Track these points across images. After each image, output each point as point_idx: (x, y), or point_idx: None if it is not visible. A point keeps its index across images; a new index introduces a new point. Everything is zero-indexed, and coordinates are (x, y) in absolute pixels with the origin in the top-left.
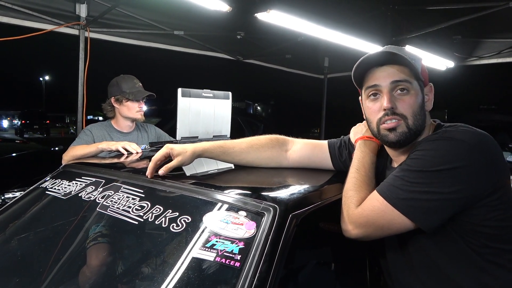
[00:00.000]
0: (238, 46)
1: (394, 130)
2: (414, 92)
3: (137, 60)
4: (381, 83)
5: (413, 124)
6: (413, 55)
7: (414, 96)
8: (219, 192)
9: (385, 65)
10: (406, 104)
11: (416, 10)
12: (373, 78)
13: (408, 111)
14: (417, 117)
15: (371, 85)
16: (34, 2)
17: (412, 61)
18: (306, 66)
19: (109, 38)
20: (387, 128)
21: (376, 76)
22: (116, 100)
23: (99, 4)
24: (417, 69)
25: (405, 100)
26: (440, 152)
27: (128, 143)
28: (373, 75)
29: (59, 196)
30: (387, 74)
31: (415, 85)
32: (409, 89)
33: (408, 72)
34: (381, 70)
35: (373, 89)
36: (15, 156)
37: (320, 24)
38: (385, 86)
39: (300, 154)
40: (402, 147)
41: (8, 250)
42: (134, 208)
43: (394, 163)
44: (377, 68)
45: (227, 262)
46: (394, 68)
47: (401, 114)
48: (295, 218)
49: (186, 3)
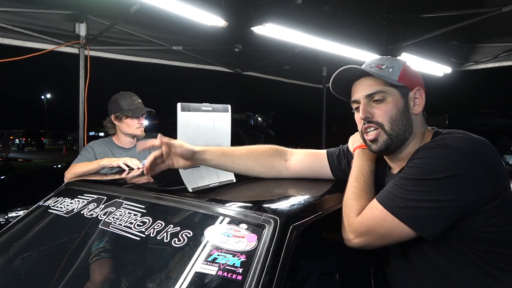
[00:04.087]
0: (236, 59)
1: (376, 141)
2: (392, 99)
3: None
4: (358, 97)
5: (391, 129)
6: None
7: (391, 103)
8: (219, 205)
9: (361, 77)
10: (382, 112)
11: (411, 18)
12: (353, 93)
13: (384, 118)
14: (396, 123)
15: (352, 100)
16: (34, 23)
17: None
18: (305, 76)
19: (108, 55)
20: (369, 139)
21: (354, 91)
22: (116, 118)
23: (98, 23)
24: (392, 76)
25: (381, 108)
26: (438, 160)
27: (129, 159)
28: (354, 89)
29: (61, 214)
30: (362, 88)
31: (393, 92)
32: (385, 97)
33: (382, 81)
34: (358, 85)
35: (355, 104)
36: (17, 174)
37: (316, 35)
38: (361, 99)
39: (300, 164)
40: (392, 154)
41: (12, 269)
42: (136, 224)
43: (392, 170)
44: (356, 82)
45: (229, 275)
46: (368, 80)
47: (376, 122)
48: (296, 229)
49: (184, 19)
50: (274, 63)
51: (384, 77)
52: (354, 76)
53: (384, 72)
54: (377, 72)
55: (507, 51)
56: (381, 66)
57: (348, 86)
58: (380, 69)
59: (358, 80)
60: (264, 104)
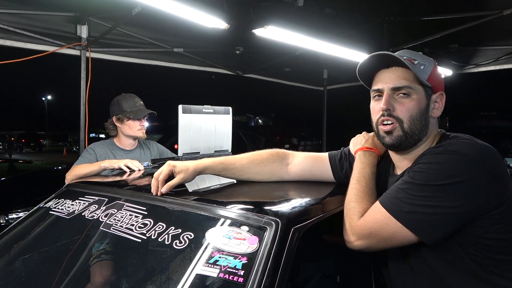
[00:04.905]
0: (237, 61)
1: (390, 133)
2: (416, 97)
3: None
4: (383, 87)
5: (409, 128)
6: (425, 59)
7: (415, 101)
8: (221, 207)
9: (391, 66)
10: (405, 108)
11: (411, 21)
12: (378, 81)
13: (405, 114)
14: (415, 122)
15: (375, 88)
16: (36, 25)
17: (416, 66)
18: (306, 78)
19: (110, 57)
20: (383, 130)
21: (380, 79)
22: (118, 119)
23: (99, 25)
24: (422, 74)
25: (404, 103)
26: (444, 166)
27: (130, 161)
28: (379, 78)
29: (62, 215)
30: (390, 79)
31: (419, 90)
32: (411, 93)
33: (412, 77)
34: (385, 74)
35: (377, 92)
36: (18, 176)
37: (317, 38)
38: (386, 90)
39: (301, 167)
40: (401, 151)
41: (13, 270)
42: (137, 225)
43: (396, 170)
44: (384, 70)
45: (230, 277)
46: (398, 72)
47: (397, 117)
48: (298, 231)
49: (185, 21)
50: (275, 65)
51: (417, 73)
52: (384, 64)
53: (416, 68)
54: (413, 66)
55: (508, 54)
56: (414, 61)
57: (372, 72)
58: (412, 63)
59: (387, 69)
60: (264, 107)
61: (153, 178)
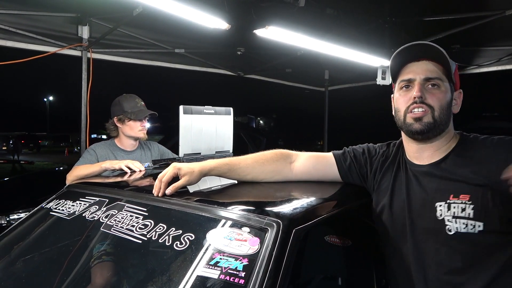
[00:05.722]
0: (238, 62)
1: (420, 120)
2: (445, 89)
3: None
4: (415, 77)
5: (439, 116)
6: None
7: (444, 93)
8: (222, 208)
9: (422, 60)
10: (435, 97)
11: (413, 21)
12: (408, 73)
13: (436, 103)
14: (444, 112)
15: (405, 78)
16: (37, 26)
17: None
18: (307, 79)
19: (111, 58)
20: (413, 117)
21: (411, 70)
22: (119, 120)
23: (100, 26)
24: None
25: (435, 93)
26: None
27: (131, 162)
28: (409, 69)
29: (63, 216)
30: (422, 70)
31: (446, 85)
32: (440, 85)
33: (441, 71)
34: (416, 66)
35: (406, 82)
36: (19, 177)
37: (319, 38)
38: (418, 79)
39: (305, 167)
40: (426, 140)
41: (14, 271)
42: (138, 227)
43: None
44: (414, 63)
45: (231, 279)
46: (429, 65)
47: (429, 104)
48: (299, 232)
49: (186, 21)
50: (276, 66)
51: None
52: (413, 56)
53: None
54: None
55: (510, 54)
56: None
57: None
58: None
59: (418, 61)
60: (266, 107)
61: (157, 179)
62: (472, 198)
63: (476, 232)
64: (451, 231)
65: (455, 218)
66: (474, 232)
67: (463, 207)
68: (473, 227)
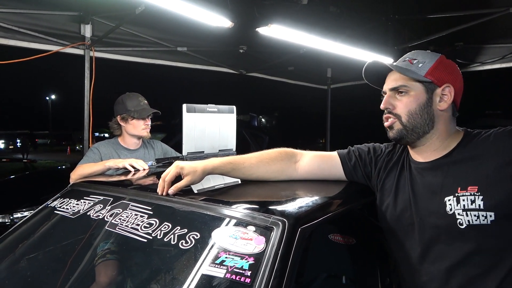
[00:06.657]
0: (241, 60)
1: (392, 128)
2: (414, 93)
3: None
4: (385, 89)
5: (408, 122)
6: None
7: (412, 97)
8: (227, 207)
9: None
10: (403, 104)
11: (416, 19)
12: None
13: (403, 110)
14: (414, 116)
15: (382, 91)
16: (40, 25)
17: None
18: (309, 77)
19: (114, 56)
20: (385, 125)
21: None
22: (122, 119)
23: (103, 24)
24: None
25: (402, 101)
26: None
27: (135, 160)
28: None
29: (67, 215)
30: (389, 81)
31: (416, 86)
32: (408, 91)
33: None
34: (388, 77)
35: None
36: (23, 175)
37: (322, 36)
38: (387, 91)
39: (310, 166)
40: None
41: (18, 269)
42: (143, 225)
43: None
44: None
45: (237, 278)
46: (395, 74)
47: (395, 113)
48: (304, 231)
49: (189, 20)
50: (278, 64)
51: (407, 71)
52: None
53: (413, 67)
54: (401, 68)
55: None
56: (413, 60)
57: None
58: (411, 63)
59: (390, 72)
60: (268, 106)
61: (160, 179)
62: (480, 189)
63: (488, 223)
64: (463, 224)
65: (465, 211)
66: (487, 223)
67: (472, 199)
68: (485, 218)
